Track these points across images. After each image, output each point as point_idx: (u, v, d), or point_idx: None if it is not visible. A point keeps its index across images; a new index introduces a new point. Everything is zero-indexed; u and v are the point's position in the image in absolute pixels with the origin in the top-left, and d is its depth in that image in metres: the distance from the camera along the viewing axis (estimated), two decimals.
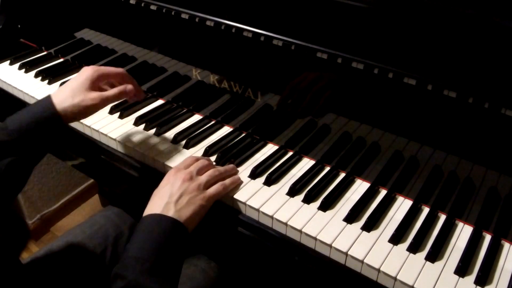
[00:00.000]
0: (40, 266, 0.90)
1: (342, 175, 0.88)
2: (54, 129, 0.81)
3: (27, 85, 1.14)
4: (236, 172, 0.87)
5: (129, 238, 0.76)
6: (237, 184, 0.84)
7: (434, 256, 0.72)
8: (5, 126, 0.77)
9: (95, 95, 0.84)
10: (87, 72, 0.85)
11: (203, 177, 0.81)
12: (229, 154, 0.91)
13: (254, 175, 0.86)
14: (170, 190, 0.77)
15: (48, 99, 0.82)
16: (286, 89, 0.90)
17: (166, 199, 0.75)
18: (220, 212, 0.83)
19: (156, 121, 1.01)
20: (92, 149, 1.01)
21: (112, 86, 0.90)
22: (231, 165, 0.88)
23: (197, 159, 0.86)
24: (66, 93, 0.82)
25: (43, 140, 0.80)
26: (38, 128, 0.79)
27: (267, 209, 0.79)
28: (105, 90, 0.88)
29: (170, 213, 0.73)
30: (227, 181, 0.83)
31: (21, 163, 0.77)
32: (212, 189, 0.80)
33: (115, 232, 0.98)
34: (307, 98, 0.88)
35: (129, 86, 0.88)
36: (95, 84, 0.86)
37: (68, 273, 0.90)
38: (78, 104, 0.82)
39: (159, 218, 0.73)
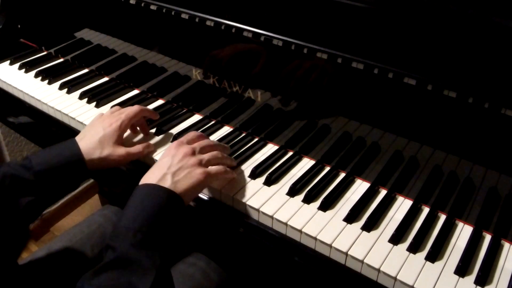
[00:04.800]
0: (39, 266, 0.90)
1: (342, 175, 0.88)
2: (78, 176, 0.83)
3: (27, 85, 1.14)
4: (233, 166, 0.87)
5: None
6: (232, 180, 0.84)
7: (434, 256, 0.72)
8: (30, 164, 0.77)
9: (122, 151, 0.85)
10: (115, 125, 0.86)
11: (206, 156, 0.80)
12: (229, 154, 0.91)
13: (254, 175, 0.86)
14: (170, 161, 0.76)
15: (75, 145, 0.82)
16: (284, 89, 0.90)
17: (164, 170, 0.74)
18: (220, 212, 0.83)
19: (156, 121, 1.01)
20: None
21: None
22: (232, 158, 0.89)
23: (201, 136, 0.86)
24: (94, 143, 0.83)
25: (65, 185, 0.82)
26: (63, 174, 0.80)
27: (267, 209, 0.79)
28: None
29: (167, 184, 0.72)
30: (230, 170, 0.83)
31: (39, 203, 0.78)
32: (214, 168, 0.79)
33: None
34: (305, 99, 0.88)
35: (151, 146, 0.92)
36: (122, 137, 0.88)
37: (66, 272, 0.90)
38: (105, 157, 0.83)
39: (154, 188, 0.71)
